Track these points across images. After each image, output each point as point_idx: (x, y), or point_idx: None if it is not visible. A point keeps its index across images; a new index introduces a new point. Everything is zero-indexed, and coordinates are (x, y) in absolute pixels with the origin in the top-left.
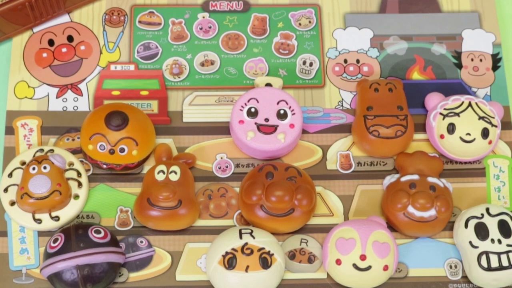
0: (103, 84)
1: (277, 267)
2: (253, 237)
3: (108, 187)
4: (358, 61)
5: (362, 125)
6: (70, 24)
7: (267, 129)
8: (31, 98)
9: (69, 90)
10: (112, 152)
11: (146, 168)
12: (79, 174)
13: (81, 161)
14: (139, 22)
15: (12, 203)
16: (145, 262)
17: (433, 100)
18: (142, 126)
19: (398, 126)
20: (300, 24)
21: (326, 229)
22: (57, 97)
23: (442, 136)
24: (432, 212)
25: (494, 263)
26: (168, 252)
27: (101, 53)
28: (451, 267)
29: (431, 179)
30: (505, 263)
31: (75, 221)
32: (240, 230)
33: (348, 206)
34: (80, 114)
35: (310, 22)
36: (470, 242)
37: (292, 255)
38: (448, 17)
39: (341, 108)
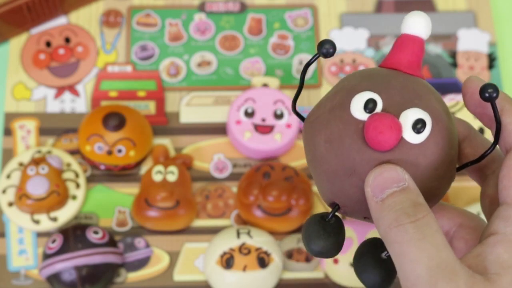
0: (100, 85)
1: (274, 266)
2: (251, 237)
3: (106, 188)
4: (354, 61)
5: None
6: (68, 26)
7: (264, 129)
8: (28, 100)
9: (67, 92)
10: (109, 153)
11: (144, 168)
12: (77, 175)
13: (79, 162)
14: (136, 23)
15: (10, 204)
16: (143, 262)
17: None
18: (139, 127)
19: None
20: (296, 24)
21: None
22: (54, 98)
23: None
24: None
25: None
26: (166, 252)
27: (98, 54)
28: None
29: None
30: None
31: (73, 222)
32: (237, 230)
33: None
34: (78, 115)
35: (306, 22)
36: None
37: (289, 255)
38: (443, 16)
39: None
